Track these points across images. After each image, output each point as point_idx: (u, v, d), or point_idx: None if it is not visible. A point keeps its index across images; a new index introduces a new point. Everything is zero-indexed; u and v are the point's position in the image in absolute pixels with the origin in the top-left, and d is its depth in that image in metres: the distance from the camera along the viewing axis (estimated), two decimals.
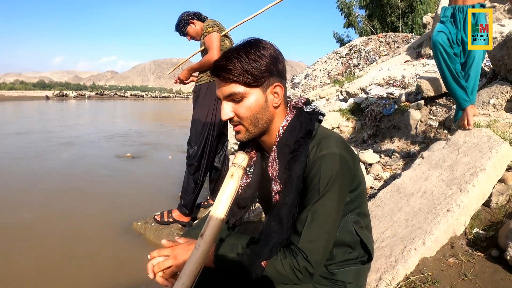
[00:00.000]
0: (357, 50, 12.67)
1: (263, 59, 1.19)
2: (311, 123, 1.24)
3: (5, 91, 73.52)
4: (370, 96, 5.56)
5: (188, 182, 3.59)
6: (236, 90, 1.20)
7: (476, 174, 2.28)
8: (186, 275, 0.98)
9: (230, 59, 1.19)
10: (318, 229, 1.12)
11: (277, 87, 1.24)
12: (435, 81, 4.28)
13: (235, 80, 1.19)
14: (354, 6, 25.09)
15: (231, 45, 3.64)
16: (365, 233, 1.31)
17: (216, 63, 1.22)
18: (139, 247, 3.30)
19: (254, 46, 1.21)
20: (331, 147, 1.16)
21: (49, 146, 8.61)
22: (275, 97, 1.25)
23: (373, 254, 1.37)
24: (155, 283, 2.59)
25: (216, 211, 1.08)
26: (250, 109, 1.22)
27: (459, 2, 3.07)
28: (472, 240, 2.11)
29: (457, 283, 1.83)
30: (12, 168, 6.29)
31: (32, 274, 2.85)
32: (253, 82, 1.19)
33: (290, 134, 1.24)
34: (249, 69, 1.17)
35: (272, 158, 1.26)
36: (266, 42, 1.24)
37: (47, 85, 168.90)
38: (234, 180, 1.16)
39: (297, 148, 1.18)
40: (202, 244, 1.00)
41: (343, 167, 1.16)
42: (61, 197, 4.68)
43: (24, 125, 13.52)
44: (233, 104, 1.23)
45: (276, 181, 1.23)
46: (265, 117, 1.25)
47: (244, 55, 1.18)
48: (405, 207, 2.33)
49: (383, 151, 4.10)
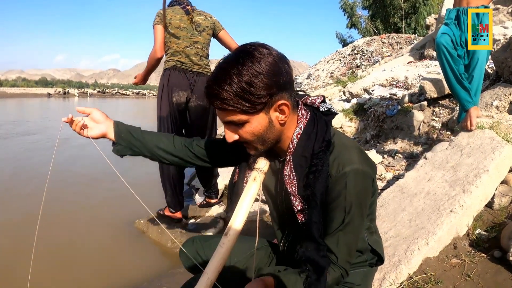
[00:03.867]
0: (360, 51, 12.65)
1: (260, 78, 1.03)
2: (327, 129, 1.16)
3: (7, 88, 73.61)
4: (373, 96, 5.57)
5: (163, 181, 3.45)
6: (234, 118, 1.10)
7: (479, 175, 2.29)
8: (211, 271, 1.04)
9: (221, 84, 1.05)
10: (350, 247, 1.17)
11: (282, 105, 1.11)
12: (438, 82, 4.29)
13: (232, 110, 1.07)
14: (357, 6, 25.01)
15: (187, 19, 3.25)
16: (374, 239, 1.32)
17: (207, 89, 1.10)
18: (141, 245, 3.31)
19: (247, 62, 1.04)
20: (354, 162, 1.11)
21: (52, 142, 8.62)
22: (281, 114, 1.13)
23: (384, 257, 1.38)
24: (157, 281, 2.62)
25: (239, 212, 1.11)
26: (253, 134, 1.12)
27: (463, 4, 3.08)
28: (475, 241, 2.12)
29: (460, 283, 1.84)
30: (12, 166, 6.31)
31: (33, 271, 2.86)
32: (251, 109, 1.07)
33: (306, 143, 1.16)
34: (244, 96, 1.04)
35: (288, 171, 1.19)
36: (262, 51, 1.07)
37: (49, 83, 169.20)
38: (256, 183, 1.17)
39: (317, 163, 1.11)
40: (226, 242, 1.06)
41: (367, 184, 1.15)
42: (64, 194, 4.69)
43: (26, 123, 13.56)
44: (235, 127, 1.13)
45: (295, 197, 1.17)
46: (273, 135, 1.15)
47: (236, 78, 1.03)
48: (408, 207, 2.34)
49: (386, 151, 4.11)
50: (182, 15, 3.25)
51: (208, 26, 3.36)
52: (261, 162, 1.22)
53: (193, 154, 1.46)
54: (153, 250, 3.29)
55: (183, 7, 3.29)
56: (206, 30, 3.34)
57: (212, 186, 3.70)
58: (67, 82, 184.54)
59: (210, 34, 3.40)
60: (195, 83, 3.25)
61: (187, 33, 3.23)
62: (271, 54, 1.07)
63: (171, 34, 3.19)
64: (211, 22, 3.39)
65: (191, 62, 3.24)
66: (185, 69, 3.22)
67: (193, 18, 3.30)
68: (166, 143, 1.44)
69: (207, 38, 3.37)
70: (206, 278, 1.04)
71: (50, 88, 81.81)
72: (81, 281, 2.74)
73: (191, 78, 3.24)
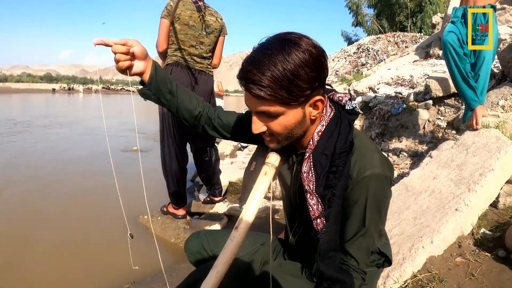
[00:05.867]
0: (365, 49, 12.62)
1: (306, 70, 0.97)
2: (350, 129, 1.11)
3: (12, 83, 73.86)
4: (378, 95, 5.55)
5: (166, 178, 3.45)
6: (270, 109, 1.03)
7: (484, 174, 2.28)
8: (221, 264, 1.04)
9: (263, 70, 0.97)
10: (369, 251, 1.13)
11: (318, 101, 1.07)
12: (444, 81, 4.27)
13: (270, 99, 1.00)
14: (362, 5, 24.92)
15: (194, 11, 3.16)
16: (383, 241, 1.31)
17: (244, 73, 1.01)
18: (145, 241, 3.32)
19: (293, 51, 0.97)
20: (375, 166, 1.07)
21: (60, 139, 8.66)
22: (314, 110, 1.09)
23: (392, 259, 1.37)
24: (161, 276, 2.62)
25: (249, 206, 1.11)
26: (285, 127, 1.07)
27: (470, 3, 3.07)
28: (479, 240, 2.12)
29: (464, 282, 1.84)
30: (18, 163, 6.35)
31: (37, 265, 2.87)
32: (292, 101, 1.01)
33: (328, 141, 1.11)
34: (287, 86, 0.97)
35: (307, 169, 1.13)
36: (308, 42, 1.00)
37: (54, 78, 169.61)
38: (267, 177, 1.16)
39: (339, 164, 1.07)
40: (236, 236, 1.05)
41: (387, 189, 1.12)
42: (68, 189, 4.71)
43: (29, 118, 13.62)
44: (266, 118, 1.07)
45: (313, 195, 1.12)
46: (300, 131, 1.11)
47: (280, 66, 0.96)
48: (413, 205, 2.34)
49: (391, 150, 4.10)
50: (192, 11, 3.16)
51: (217, 28, 3.31)
52: (272, 156, 1.20)
53: (213, 126, 1.42)
54: (156, 246, 3.29)
55: (195, 1, 3.18)
56: (214, 33, 3.30)
57: (215, 184, 3.69)
58: (72, 78, 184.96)
59: (217, 37, 3.35)
60: (197, 81, 3.23)
61: (194, 32, 3.17)
62: (316, 47, 1.01)
63: (178, 30, 3.12)
64: (220, 24, 3.34)
65: (194, 60, 3.21)
66: (187, 65, 3.18)
67: (205, 16, 3.22)
68: (193, 106, 1.37)
69: (213, 40, 3.33)
70: (216, 271, 1.04)
71: (55, 84, 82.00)
72: (84, 276, 2.75)
73: (193, 75, 3.21)
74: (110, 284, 2.62)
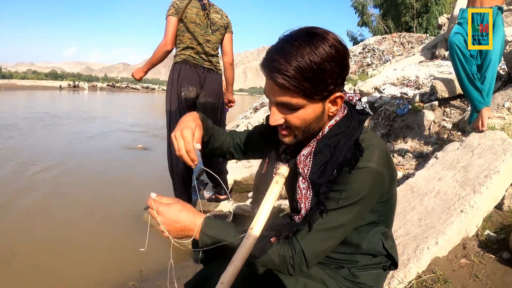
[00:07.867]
0: (371, 49, 12.59)
1: (332, 65, 0.98)
2: (359, 127, 1.11)
3: (18, 80, 74.25)
4: (383, 95, 5.55)
5: (172, 176, 3.45)
6: (292, 101, 1.02)
7: (489, 176, 2.29)
8: (238, 260, 1.09)
9: (289, 59, 0.96)
10: (326, 239, 1.08)
11: (338, 98, 1.07)
12: (450, 82, 4.26)
13: (293, 90, 0.99)
14: (368, 5, 24.88)
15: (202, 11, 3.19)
16: (389, 244, 1.31)
17: (269, 61, 1.00)
18: (150, 238, 3.33)
19: (321, 45, 0.96)
20: (371, 160, 1.05)
21: (64, 136, 8.71)
22: (333, 106, 1.08)
23: (398, 261, 1.37)
24: (166, 274, 2.64)
25: (263, 209, 1.16)
26: (304, 121, 1.06)
27: (477, 4, 3.07)
28: (484, 242, 2.13)
29: (468, 283, 1.85)
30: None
31: (39, 262, 2.89)
32: (315, 94, 1.00)
33: (335, 135, 1.11)
34: (312, 78, 0.97)
35: (306, 153, 1.15)
36: (335, 38, 1.00)
37: (59, 76, 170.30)
38: (278, 185, 1.20)
39: (339, 156, 1.07)
40: (252, 235, 1.11)
41: (374, 185, 1.07)
42: (73, 187, 4.74)
43: (38, 116, 13.70)
44: (285, 110, 1.06)
45: (305, 179, 1.15)
46: (317, 126, 1.10)
47: (307, 57, 0.95)
48: (418, 206, 2.34)
49: (396, 150, 4.10)
50: (198, 9, 3.17)
51: (222, 26, 3.32)
52: (283, 168, 1.24)
53: (234, 150, 1.52)
54: (161, 244, 3.31)
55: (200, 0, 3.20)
56: (219, 30, 3.31)
57: (222, 183, 3.71)
58: (77, 76, 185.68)
59: (222, 34, 3.35)
60: (205, 79, 3.24)
61: (200, 30, 3.18)
62: (341, 43, 1.01)
63: (186, 28, 3.12)
64: (226, 22, 3.35)
65: (202, 58, 3.22)
66: (196, 64, 3.19)
67: (209, 14, 3.24)
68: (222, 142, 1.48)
69: (219, 38, 3.33)
70: (233, 266, 1.10)
71: (60, 81, 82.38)
72: (90, 274, 2.76)
73: (202, 74, 3.21)
74: (115, 281, 2.64)
